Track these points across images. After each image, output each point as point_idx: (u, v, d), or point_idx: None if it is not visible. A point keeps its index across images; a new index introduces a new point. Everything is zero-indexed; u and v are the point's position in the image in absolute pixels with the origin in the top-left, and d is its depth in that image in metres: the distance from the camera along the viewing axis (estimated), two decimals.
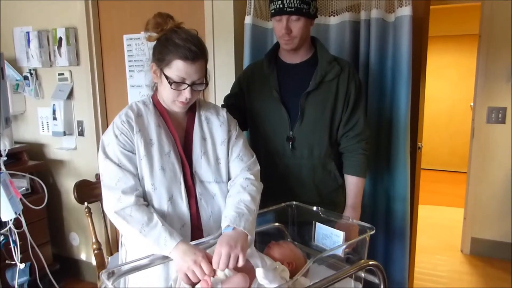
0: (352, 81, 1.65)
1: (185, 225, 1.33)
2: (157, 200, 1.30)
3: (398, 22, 1.91)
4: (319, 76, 1.62)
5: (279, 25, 1.58)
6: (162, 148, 1.32)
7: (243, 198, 1.32)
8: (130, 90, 2.64)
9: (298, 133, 1.66)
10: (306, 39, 1.66)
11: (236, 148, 1.44)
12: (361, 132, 1.67)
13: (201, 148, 1.38)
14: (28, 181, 2.71)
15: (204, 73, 1.31)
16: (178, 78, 1.26)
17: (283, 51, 1.72)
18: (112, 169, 1.28)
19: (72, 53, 2.68)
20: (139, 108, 1.37)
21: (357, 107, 1.67)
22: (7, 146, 1.58)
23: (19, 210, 1.59)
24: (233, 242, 1.16)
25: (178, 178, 1.33)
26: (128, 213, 1.23)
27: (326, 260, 1.32)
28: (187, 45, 1.24)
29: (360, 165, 1.68)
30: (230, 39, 2.22)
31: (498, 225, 3.29)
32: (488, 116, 3.22)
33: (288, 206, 1.56)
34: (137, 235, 1.21)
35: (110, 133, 1.32)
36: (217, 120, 1.44)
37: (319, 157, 1.68)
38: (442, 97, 6.23)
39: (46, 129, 2.90)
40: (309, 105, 1.64)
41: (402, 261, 2.09)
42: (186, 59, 1.24)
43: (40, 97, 2.89)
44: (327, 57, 1.65)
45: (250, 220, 1.26)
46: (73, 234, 3.01)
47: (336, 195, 1.75)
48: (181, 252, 1.16)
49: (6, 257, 1.75)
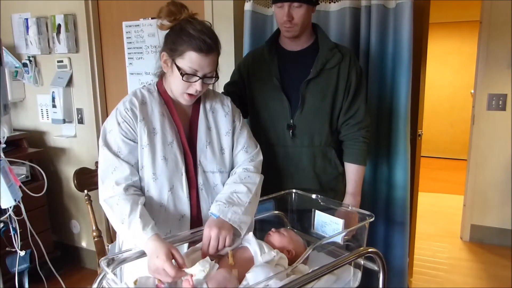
0: (353, 68, 1.64)
1: (185, 216, 1.32)
2: (158, 190, 1.30)
3: (398, 8, 1.88)
4: (320, 63, 1.61)
5: (281, 12, 1.56)
6: (165, 137, 1.31)
7: (238, 189, 1.32)
8: (129, 78, 2.62)
9: (298, 121, 1.65)
10: (307, 26, 1.63)
11: (241, 140, 1.43)
12: (362, 120, 1.67)
13: (207, 138, 1.37)
14: (28, 169, 2.72)
15: (215, 67, 1.29)
16: (190, 70, 1.24)
17: (284, 38, 1.70)
18: (109, 158, 1.27)
19: (71, 40, 2.66)
20: (144, 95, 1.35)
21: (357, 95, 1.66)
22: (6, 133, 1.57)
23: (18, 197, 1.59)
24: (220, 225, 1.20)
25: (179, 169, 1.31)
26: (115, 201, 1.22)
27: (326, 247, 1.32)
28: (202, 36, 1.22)
29: (361, 153, 1.68)
30: (229, 26, 2.20)
31: (498, 212, 3.30)
32: (488, 103, 3.21)
33: (287, 194, 1.57)
34: (119, 226, 1.20)
35: (113, 119, 1.30)
36: (222, 110, 1.43)
37: (319, 145, 1.68)
38: (444, 84, 6.20)
39: (46, 116, 2.90)
40: (310, 93, 1.63)
41: (402, 248, 2.10)
42: (200, 51, 1.22)
43: (39, 85, 2.88)
44: (328, 45, 1.64)
45: (239, 213, 1.26)
46: (74, 222, 3.03)
47: (337, 183, 1.75)
48: (150, 249, 1.13)
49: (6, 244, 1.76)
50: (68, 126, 2.84)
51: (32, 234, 1.74)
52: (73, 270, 3.00)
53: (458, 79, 6.14)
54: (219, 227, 1.20)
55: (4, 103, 1.53)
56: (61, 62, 2.75)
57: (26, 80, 2.87)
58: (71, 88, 2.79)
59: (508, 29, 3.05)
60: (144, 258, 1.15)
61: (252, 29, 2.10)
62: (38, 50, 2.73)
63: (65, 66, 2.75)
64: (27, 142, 2.86)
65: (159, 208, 1.30)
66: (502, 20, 3.07)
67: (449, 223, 3.79)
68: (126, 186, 1.24)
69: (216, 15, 2.21)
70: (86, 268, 3.04)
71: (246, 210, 1.29)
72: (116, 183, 1.24)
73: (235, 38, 2.20)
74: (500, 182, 3.26)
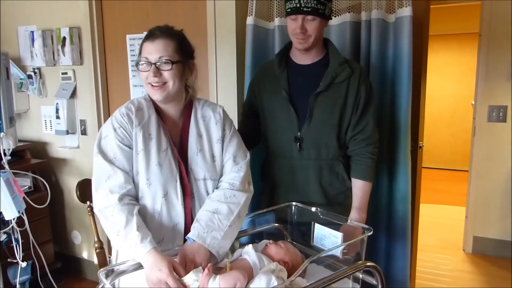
0: (362, 84, 1.64)
1: (179, 224, 1.32)
2: (151, 196, 1.29)
3: (398, 22, 1.91)
4: (330, 77, 1.62)
5: (294, 24, 1.58)
6: (160, 144, 1.32)
7: (220, 209, 1.31)
8: (132, 90, 2.65)
9: (306, 134, 1.66)
10: (319, 40, 1.65)
11: (230, 148, 1.43)
12: (370, 136, 1.66)
13: (197, 145, 1.38)
14: (31, 180, 2.73)
15: (170, 53, 1.30)
16: (143, 59, 1.30)
17: (294, 51, 1.71)
18: (103, 165, 1.27)
19: (76, 53, 2.70)
20: (140, 102, 1.37)
21: (366, 111, 1.66)
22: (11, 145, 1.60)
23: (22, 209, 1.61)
24: (195, 251, 1.23)
25: (174, 176, 1.32)
26: (110, 212, 1.22)
27: (325, 260, 1.32)
28: (153, 29, 1.33)
29: (367, 169, 1.67)
30: (232, 40, 2.23)
31: (500, 223, 3.29)
32: (489, 114, 3.22)
33: (287, 207, 1.57)
34: (115, 237, 1.21)
35: (109, 125, 1.32)
36: (213, 118, 1.44)
37: (326, 159, 1.68)
38: (444, 95, 6.22)
39: (49, 127, 2.92)
40: (318, 106, 1.64)
41: (403, 260, 2.10)
42: (147, 39, 1.31)
43: (43, 96, 2.91)
44: (339, 59, 1.65)
45: (218, 238, 1.26)
46: (75, 233, 3.03)
47: (344, 198, 1.74)
48: (149, 262, 1.14)
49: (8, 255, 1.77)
50: (71, 137, 2.86)
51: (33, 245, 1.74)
52: (74, 282, 2.99)
53: (458, 90, 6.16)
54: (194, 254, 1.23)
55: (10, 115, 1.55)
56: (65, 74, 2.78)
57: (30, 91, 2.91)
58: (75, 99, 2.82)
59: (508, 42, 3.07)
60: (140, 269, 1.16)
61: (254, 42, 2.13)
62: (43, 62, 2.77)
63: (69, 78, 2.78)
64: (30, 153, 2.88)
65: (153, 214, 1.30)
66: (501, 32, 3.09)
67: (451, 235, 3.77)
68: (121, 196, 1.24)
69: (218, 29, 2.25)
70: (87, 280, 3.03)
71: (225, 234, 1.28)
72: (110, 191, 1.24)
73: (237, 51, 2.23)
74: (501, 193, 3.26)
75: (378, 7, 1.93)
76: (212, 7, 2.24)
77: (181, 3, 2.37)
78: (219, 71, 2.26)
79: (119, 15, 2.62)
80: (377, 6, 1.92)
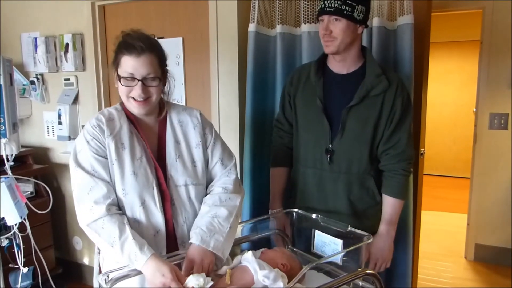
0: (399, 97, 1.57)
1: (160, 232, 1.31)
2: (129, 206, 1.28)
3: (399, 30, 1.92)
4: (364, 90, 1.56)
5: (321, 26, 1.56)
6: (134, 152, 1.30)
7: (219, 213, 1.32)
8: None
9: (337, 146, 1.61)
10: (351, 45, 1.58)
11: (216, 152, 1.43)
12: (403, 151, 1.59)
13: (176, 151, 1.36)
14: (33, 185, 2.73)
15: (155, 69, 1.28)
16: (126, 74, 1.25)
17: (331, 59, 1.67)
18: (83, 178, 1.26)
19: (78, 59, 2.72)
20: (111, 112, 1.35)
21: (401, 125, 1.59)
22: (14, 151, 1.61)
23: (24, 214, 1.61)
24: (203, 254, 1.23)
25: (150, 183, 1.30)
26: (100, 225, 1.21)
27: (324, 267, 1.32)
28: (133, 41, 1.25)
29: (399, 186, 1.61)
30: (234, 47, 2.24)
31: (503, 231, 3.28)
32: (490, 122, 3.22)
33: (288, 213, 1.57)
34: (110, 249, 1.20)
35: (81, 139, 1.30)
36: (190, 122, 1.42)
37: (357, 173, 1.63)
38: (446, 102, 6.22)
39: (52, 133, 2.93)
40: (351, 120, 1.59)
41: (405, 268, 2.09)
42: (131, 54, 1.24)
43: (46, 102, 2.93)
44: (376, 71, 1.58)
45: (221, 240, 1.28)
46: (76, 238, 3.03)
47: (374, 213, 1.68)
48: (151, 268, 1.15)
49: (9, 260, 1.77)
50: (73, 143, 2.86)
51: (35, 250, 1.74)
52: (75, 287, 2.99)
53: (460, 97, 6.16)
54: (202, 257, 1.23)
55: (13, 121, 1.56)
56: (68, 80, 2.80)
57: (33, 97, 2.92)
58: (77, 105, 2.83)
59: (509, 49, 3.08)
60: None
61: (255, 49, 2.14)
62: (46, 68, 2.78)
63: (71, 84, 2.80)
64: (32, 159, 2.89)
65: (133, 223, 1.28)
66: (503, 40, 3.10)
67: (453, 242, 3.76)
68: (108, 206, 1.23)
69: (220, 36, 2.26)
70: (88, 285, 3.02)
71: (227, 236, 1.30)
72: (95, 202, 1.22)
73: (239, 58, 2.24)
74: (503, 201, 3.25)
75: (380, 14, 1.94)
76: (214, 14, 2.25)
77: (183, 9, 2.38)
78: (221, 77, 2.27)
79: (122, 22, 2.64)
80: (379, 13, 1.93)
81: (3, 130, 1.53)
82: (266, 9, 2.15)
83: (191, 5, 2.37)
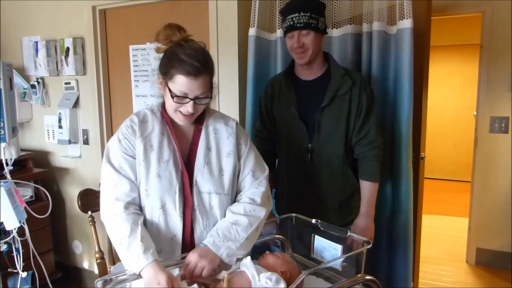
0: (363, 93, 1.73)
1: (176, 236, 1.31)
2: (149, 207, 1.30)
3: (399, 34, 1.92)
4: (332, 91, 1.71)
5: (292, 41, 1.69)
6: (162, 155, 1.32)
7: (240, 221, 1.31)
8: (135, 100, 2.66)
9: (316, 145, 1.77)
10: (318, 54, 1.75)
11: (248, 163, 1.42)
12: (374, 140, 1.75)
13: (205, 158, 1.36)
14: (33, 189, 2.73)
15: (208, 88, 1.29)
16: (180, 93, 1.25)
17: (298, 68, 1.81)
18: (110, 174, 1.30)
19: (79, 63, 2.72)
20: (146, 114, 1.38)
21: (368, 117, 1.74)
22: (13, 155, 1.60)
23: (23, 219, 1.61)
24: (205, 254, 1.23)
25: (173, 187, 1.30)
26: (116, 221, 1.24)
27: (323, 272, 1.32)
28: (190, 60, 1.22)
29: (373, 171, 1.76)
30: (234, 51, 2.24)
31: (504, 235, 3.26)
32: (491, 125, 3.22)
33: (288, 218, 1.57)
34: (118, 246, 1.21)
35: (115, 137, 1.34)
36: (225, 131, 1.41)
37: (337, 166, 1.78)
38: (446, 106, 6.22)
39: (52, 137, 2.93)
40: (325, 119, 1.74)
41: (405, 272, 2.08)
42: (188, 74, 1.22)
43: (46, 105, 2.93)
44: (339, 72, 1.74)
45: (233, 248, 1.27)
46: (76, 242, 3.02)
47: (353, 200, 1.83)
48: (150, 274, 1.15)
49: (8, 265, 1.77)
50: (73, 146, 2.87)
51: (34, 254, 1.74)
52: None
53: (460, 101, 6.16)
54: (201, 256, 1.22)
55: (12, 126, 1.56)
56: (68, 84, 2.81)
57: (33, 101, 2.93)
58: (77, 109, 2.83)
59: (509, 52, 3.08)
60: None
61: (256, 53, 2.15)
62: (46, 72, 2.79)
63: (72, 87, 2.80)
64: (32, 162, 2.89)
65: (151, 225, 1.30)
66: (503, 44, 3.10)
67: (454, 246, 3.75)
68: (126, 204, 1.26)
69: (221, 39, 2.26)
70: None
71: (241, 245, 1.29)
72: (116, 199, 1.26)
73: (239, 62, 2.24)
74: (504, 205, 3.24)
75: (379, 19, 1.94)
76: (215, 19, 2.26)
77: (183, 14, 2.39)
78: (221, 81, 2.27)
79: (123, 26, 2.65)
80: (378, 18, 1.94)
81: (3, 134, 1.53)
82: (266, 14, 2.16)
83: (191, 9, 2.38)
